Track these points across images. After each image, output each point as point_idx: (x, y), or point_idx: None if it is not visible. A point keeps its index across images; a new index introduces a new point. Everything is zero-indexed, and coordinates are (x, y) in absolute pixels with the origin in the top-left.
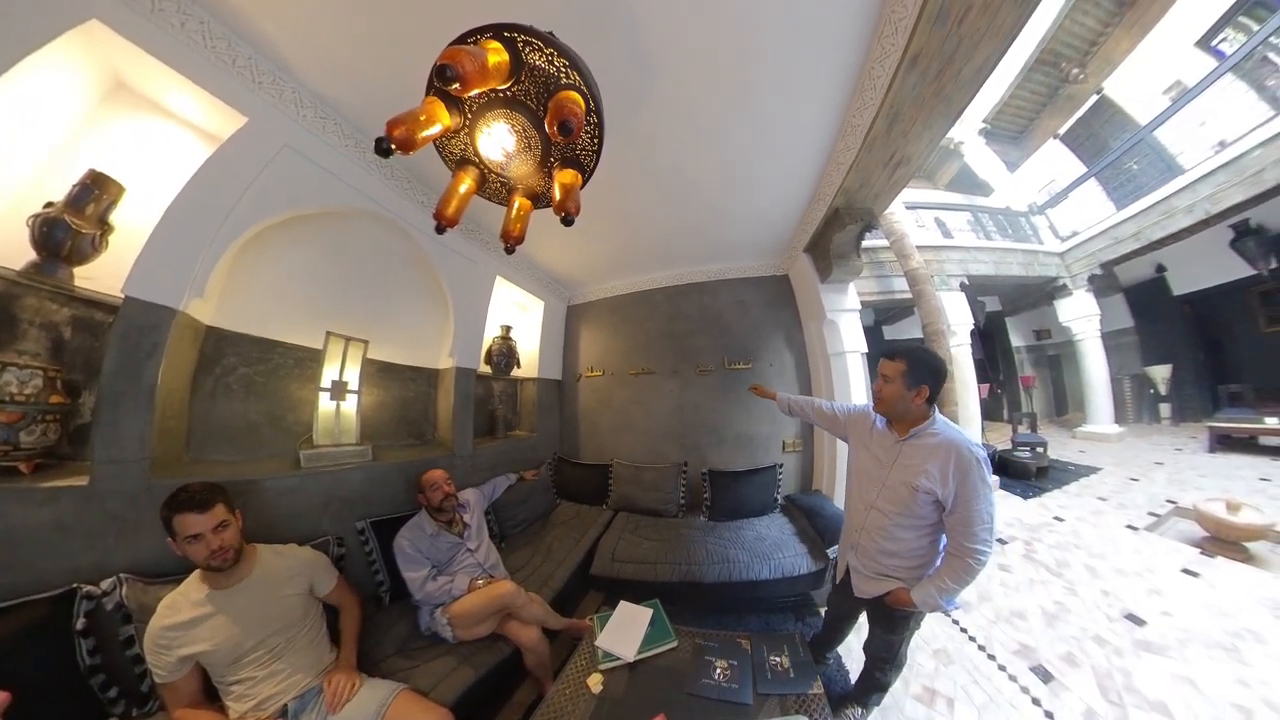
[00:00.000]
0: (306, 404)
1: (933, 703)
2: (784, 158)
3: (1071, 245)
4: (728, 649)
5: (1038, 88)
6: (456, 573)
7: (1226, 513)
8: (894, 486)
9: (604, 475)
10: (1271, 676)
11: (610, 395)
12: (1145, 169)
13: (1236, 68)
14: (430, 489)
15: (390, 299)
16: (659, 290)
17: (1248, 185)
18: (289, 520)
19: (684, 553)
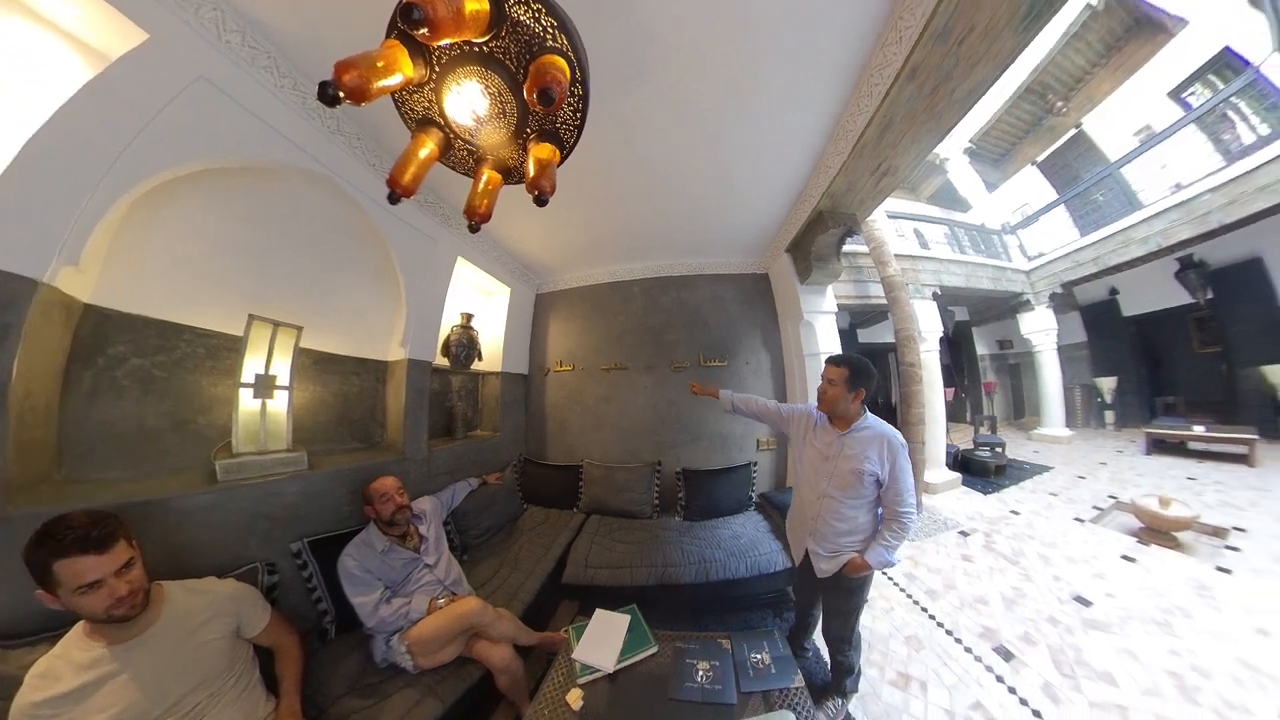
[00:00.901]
0: (223, 404)
1: (908, 687)
2: (773, 155)
3: (1037, 265)
4: (709, 650)
5: (1023, 115)
6: (414, 593)
7: (1159, 507)
8: (843, 474)
9: (574, 477)
10: (1198, 646)
11: (581, 391)
12: (1109, 201)
13: (1199, 120)
14: (379, 499)
15: (330, 278)
16: (636, 282)
17: (1195, 224)
18: (204, 548)
19: (660, 555)
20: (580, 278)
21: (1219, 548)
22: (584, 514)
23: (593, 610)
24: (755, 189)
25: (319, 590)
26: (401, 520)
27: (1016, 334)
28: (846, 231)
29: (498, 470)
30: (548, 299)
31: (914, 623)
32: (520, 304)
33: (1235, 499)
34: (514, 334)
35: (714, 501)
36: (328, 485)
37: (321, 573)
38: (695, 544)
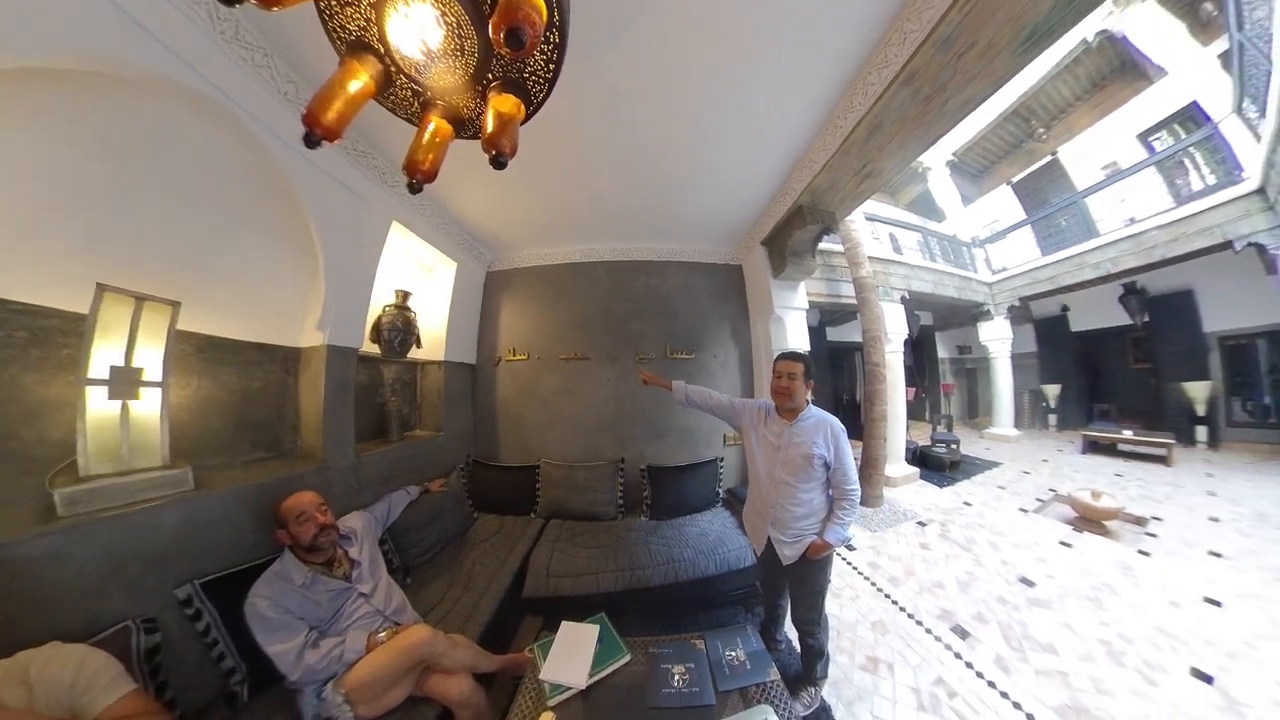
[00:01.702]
0: (59, 409)
1: (876, 670)
2: (759, 142)
3: (1000, 278)
4: (683, 652)
5: (1006, 136)
6: (348, 629)
7: (1091, 499)
8: (794, 460)
9: (530, 478)
10: (1123, 617)
11: (536, 383)
12: (1071, 227)
13: (1159, 163)
14: (296, 520)
15: (220, 239)
16: (601, 264)
17: (1141, 255)
18: (46, 611)
19: (626, 557)
20: (539, 255)
21: (1140, 534)
22: (543, 519)
23: (558, 624)
24: (736, 176)
25: (221, 644)
26: (326, 543)
27: (975, 341)
28: (824, 229)
29: (442, 476)
30: (500, 278)
31: (879, 609)
32: (468, 282)
33: (1154, 493)
34: (460, 317)
35: (681, 499)
36: (225, 509)
37: (223, 621)
38: (663, 544)
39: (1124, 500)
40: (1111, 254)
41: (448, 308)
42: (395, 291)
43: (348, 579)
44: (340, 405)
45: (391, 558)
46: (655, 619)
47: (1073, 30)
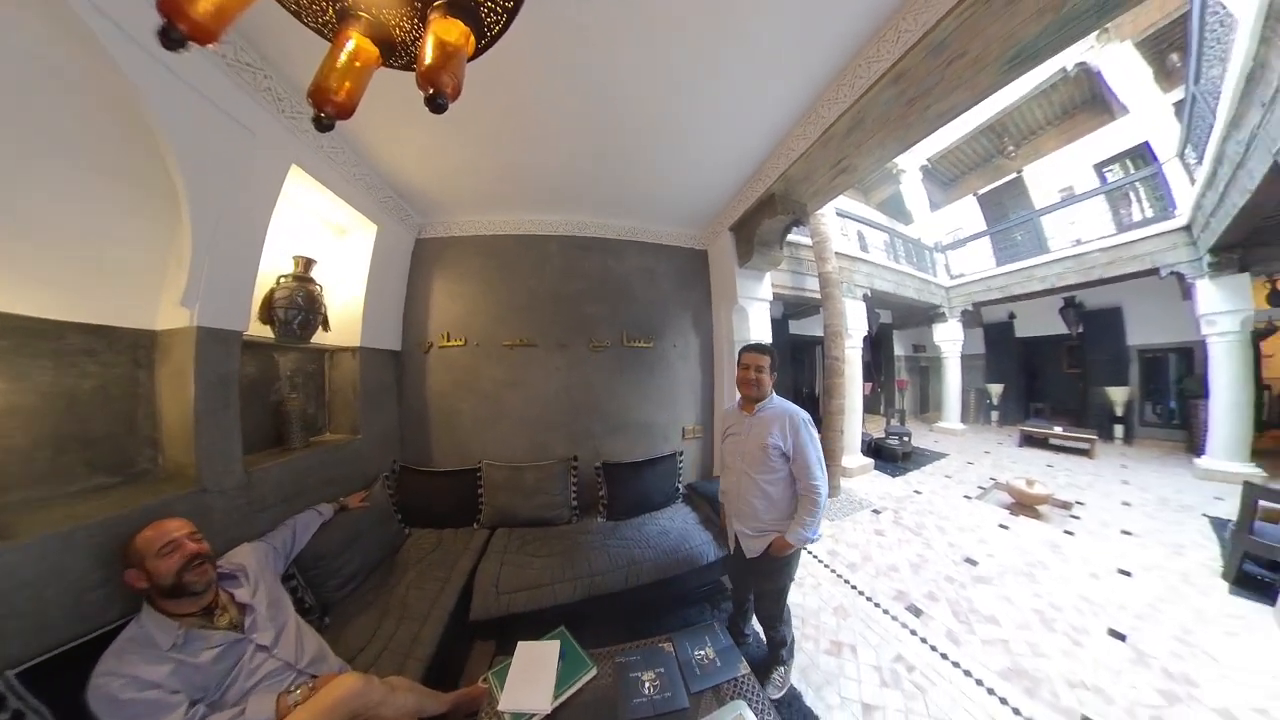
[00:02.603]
0: None
1: (840, 653)
2: (739, 121)
3: (956, 283)
4: (651, 657)
5: (979, 149)
6: (250, 692)
7: (1026, 486)
8: (752, 451)
9: (470, 484)
10: (1052, 589)
11: (476, 374)
12: (1025, 242)
13: (1108, 193)
14: (154, 554)
15: (27, 176)
16: (554, 239)
17: (1082, 273)
18: None
19: (584, 564)
20: (480, 223)
21: (1066, 517)
22: (488, 529)
23: (514, 645)
24: (711, 154)
25: None
26: (197, 582)
27: (930, 340)
28: (794, 220)
29: (362, 488)
30: (432, 248)
31: (839, 594)
32: (391, 251)
33: (1078, 481)
34: (381, 294)
35: (639, 497)
36: (49, 562)
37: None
38: (622, 545)
39: (1053, 487)
40: (1057, 270)
41: (365, 281)
42: (295, 259)
43: (238, 629)
44: (219, 407)
45: (302, 595)
46: (620, 626)
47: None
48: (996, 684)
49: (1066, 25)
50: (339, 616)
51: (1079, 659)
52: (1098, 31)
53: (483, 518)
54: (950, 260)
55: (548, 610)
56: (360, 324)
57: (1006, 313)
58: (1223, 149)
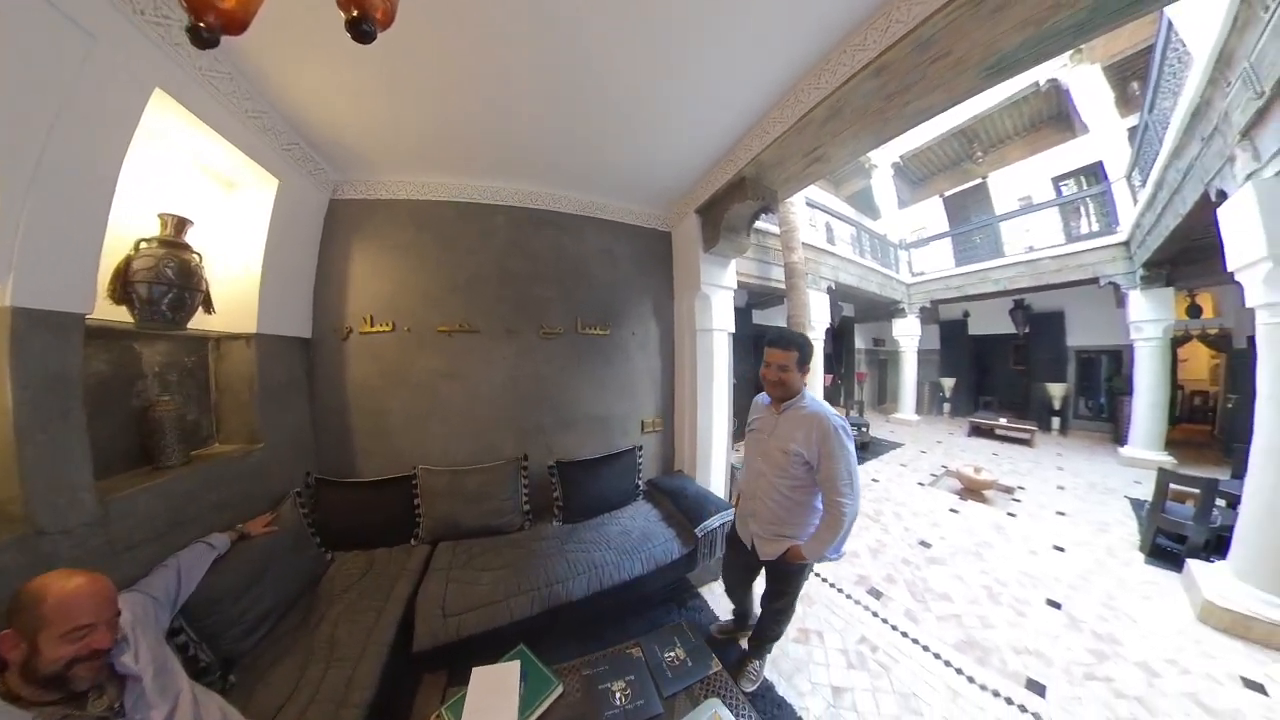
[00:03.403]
0: None
1: (808, 640)
2: (715, 98)
3: (917, 281)
4: (620, 665)
5: (949, 152)
6: None
7: (974, 473)
8: (772, 452)
9: (405, 494)
10: (997, 566)
11: (407, 365)
12: (983, 245)
13: (1062, 205)
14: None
15: None
16: (501, 209)
17: (1032, 278)
18: None
19: (540, 573)
20: (413, 186)
21: (1009, 500)
22: (428, 544)
23: (468, 673)
24: (683, 128)
25: None
26: (85, 680)
27: (889, 335)
28: (763, 207)
29: (268, 510)
30: (352, 212)
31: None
32: (297, 212)
33: (1020, 468)
34: (284, 266)
35: (597, 496)
36: None
37: None
38: (581, 549)
39: (998, 474)
40: (1010, 273)
41: (262, 250)
42: (161, 217)
43: (118, 713)
44: (53, 418)
45: (195, 652)
46: (584, 636)
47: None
48: (952, 656)
49: (1045, 40)
50: (248, 672)
51: (1023, 628)
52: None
53: (421, 532)
54: (913, 258)
55: (504, 629)
56: (256, 304)
57: (962, 311)
58: (1164, 175)
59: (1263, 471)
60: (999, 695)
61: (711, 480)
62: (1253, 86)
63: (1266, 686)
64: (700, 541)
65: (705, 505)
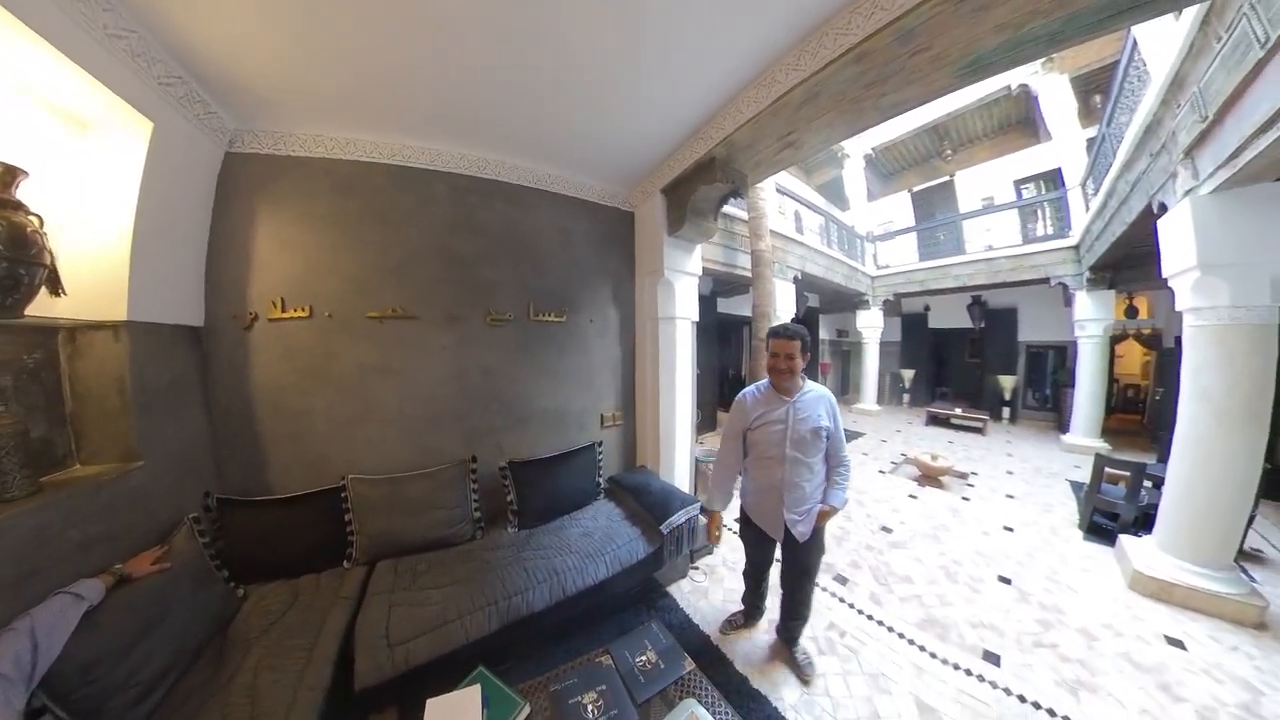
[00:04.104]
0: None
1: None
2: (690, 70)
3: (881, 274)
4: (589, 676)
5: (920, 148)
6: None
7: (931, 460)
8: (804, 435)
9: (333, 509)
10: (953, 547)
11: (330, 357)
12: (946, 242)
13: (1021, 208)
14: None
15: None
16: (443, 177)
17: (989, 276)
18: None
19: (497, 585)
20: (337, 143)
21: (964, 485)
22: (364, 565)
23: (422, 707)
24: (654, 100)
25: None
26: None
27: (853, 326)
28: (733, 190)
29: (155, 543)
30: (256, 169)
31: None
32: (180, 166)
33: (973, 455)
34: (163, 235)
35: (555, 497)
36: None
37: None
38: (540, 556)
39: (954, 461)
40: (970, 270)
41: (133, 215)
42: None
43: None
44: None
45: None
46: (550, 648)
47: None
48: (915, 635)
49: (1021, 45)
50: None
51: (977, 603)
52: (1044, 59)
53: (355, 552)
54: (878, 251)
55: (460, 651)
56: (127, 284)
57: (923, 305)
58: (1114, 185)
59: (1183, 456)
60: (959, 668)
61: (676, 475)
62: (1199, 110)
63: (1185, 643)
64: (666, 539)
65: (670, 501)
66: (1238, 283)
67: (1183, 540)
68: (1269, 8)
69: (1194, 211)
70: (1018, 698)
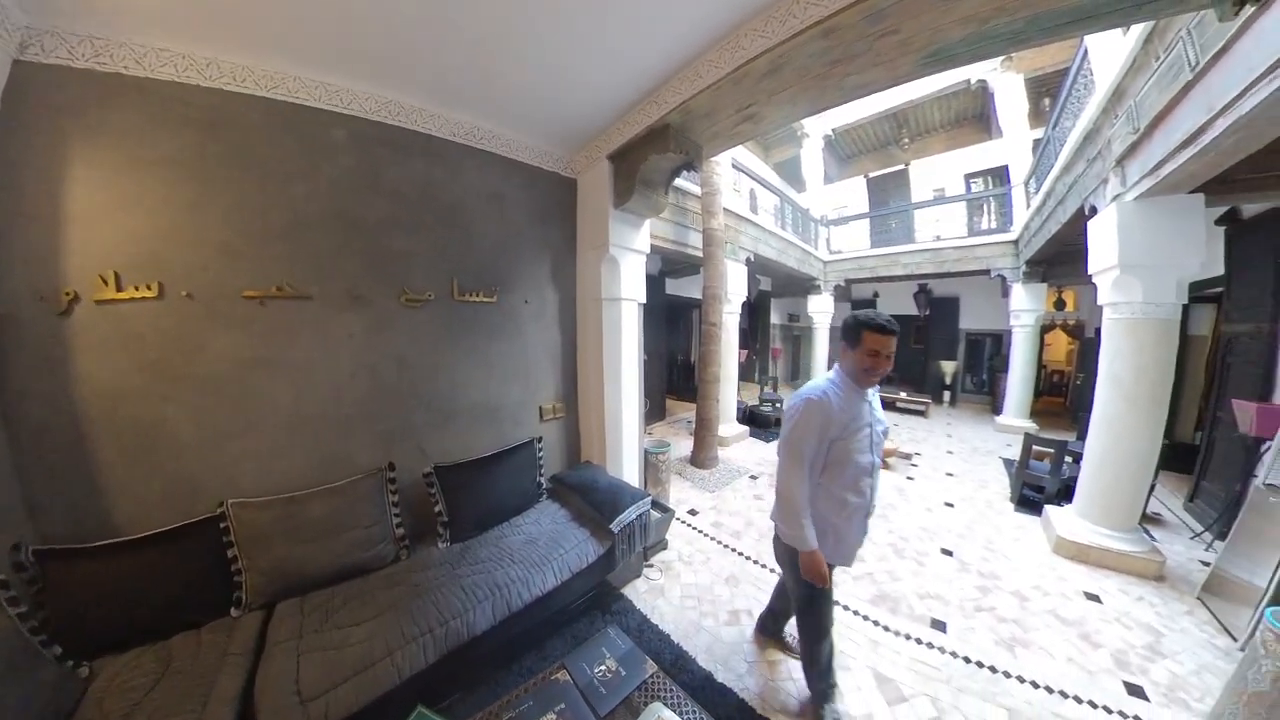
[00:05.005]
0: None
1: (739, 620)
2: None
3: (833, 259)
4: (546, 696)
5: (879, 133)
6: None
7: None
8: (879, 434)
9: (209, 545)
10: (901, 524)
11: (190, 349)
12: (897, 230)
13: (969, 201)
14: None
15: None
16: (344, 120)
17: (935, 265)
18: None
19: (430, 611)
20: (191, 63)
21: (908, 465)
22: (259, 610)
23: None
24: (603, 48)
25: None
26: None
27: (804, 310)
28: (686, 162)
29: None
30: (66, 86)
31: (728, 564)
32: None
33: (917, 436)
34: None
35: (491, 503)
36: None
37: None
38: (479, 571)
39: (899, 442)
40: (918, 259)
41: None
42: None
43: None
44: None
45: None
46: (498, 673)
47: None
48: (869, 610)
49: (984, 40)
50: None
51: (924, 576)
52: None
53: (246, 595)
54: (831, 235)
55: (393, 693)
56: None
57: (872, 291)
58: (1054, 186)
59: (1097, 435)
60: (910, 638)
61: (624, 469)
62: (1133, 122)
63: (1101, 596)
64: (618, 538)
65: (620, 497)
66: (1150, 282)
67: (1097, 508)
68: (1202, 34)
69: (1119, 216)
70: (963, 659)
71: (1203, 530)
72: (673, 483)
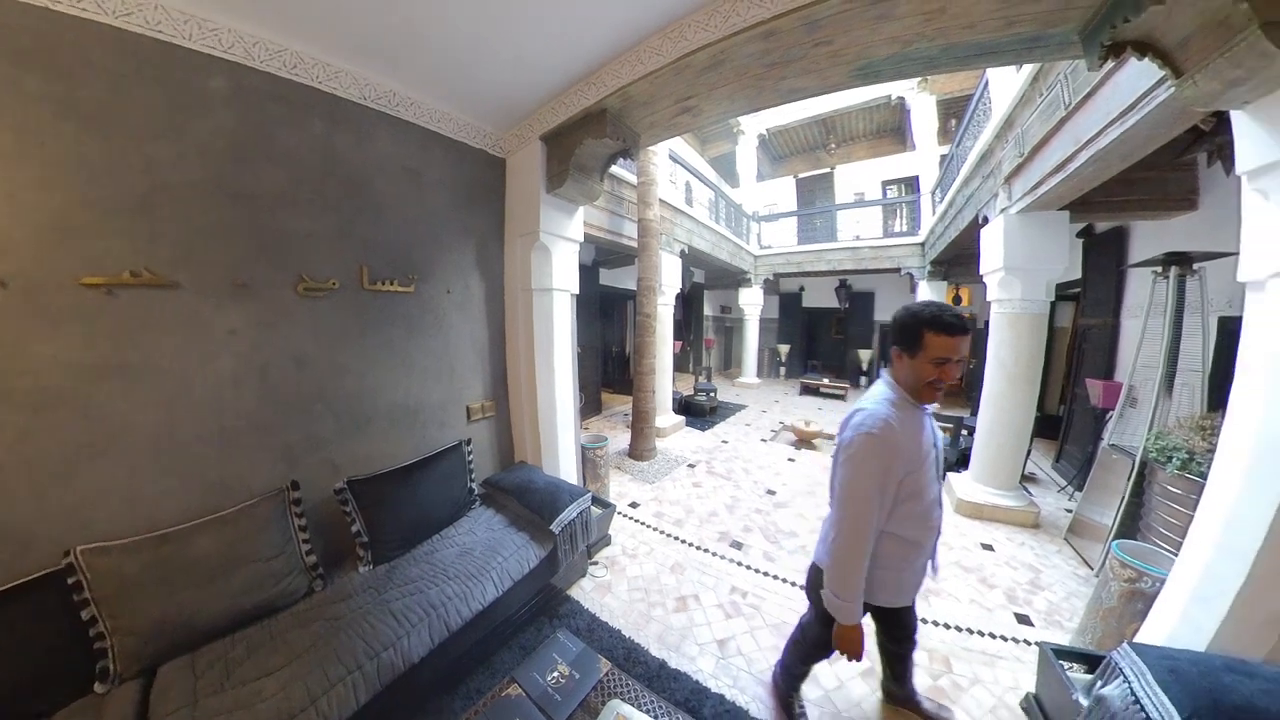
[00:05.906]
0: None
1: (687, 607)
2: None
3: (763, 254)
4: (499, 713)
5: (808, 137)
6: None
7: (805, 425)
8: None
9: (55, 608)
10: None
11: (6, 356)
12: (822, 229)
13: (884, 205)
14: None
15: None
16: (222, 66)
17: (855, 262)
18: None
19: (357, 644)
20: None
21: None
22: (136, 678)
23: None
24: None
25: None
26: None
27: (735, 302)
28: (623, 150)
29: None
30: None
31: (672, 553)
32: None
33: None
34: None
35: (418, 515)
36: None
37: None
38: (410, 591)
39: (823, 425)
40: (839, 256)
41: None
42: None
43: None
44: None
45: None
46: (444, 699)
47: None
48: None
49: (905, 61)
50: None
51: None
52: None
53: (115, 663)
54: (762, 231)
55: None
56: None
57: (798, 285)
58: (955, 197)
59: (986, 410)
60: None
61: (561, 467)
62: (1019, 147)
63: (993, 546)
64: (559, 539)
65: (558, 496)
66: (1027, 282)
67: (987, 472)
68: (1076, 79)
69: (1005, 226)
70: None
71: (1066, 484)
72: (612, 477)
